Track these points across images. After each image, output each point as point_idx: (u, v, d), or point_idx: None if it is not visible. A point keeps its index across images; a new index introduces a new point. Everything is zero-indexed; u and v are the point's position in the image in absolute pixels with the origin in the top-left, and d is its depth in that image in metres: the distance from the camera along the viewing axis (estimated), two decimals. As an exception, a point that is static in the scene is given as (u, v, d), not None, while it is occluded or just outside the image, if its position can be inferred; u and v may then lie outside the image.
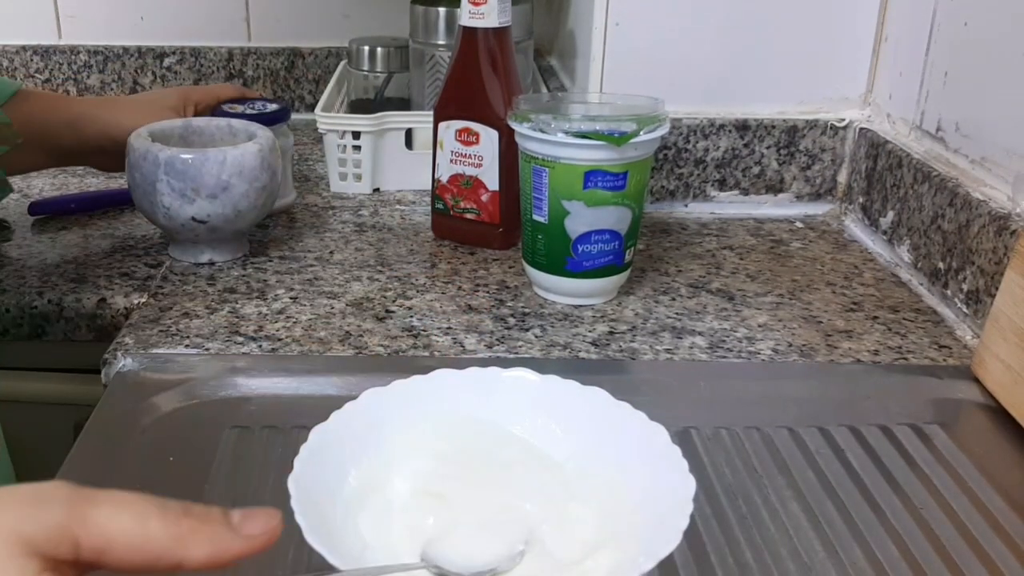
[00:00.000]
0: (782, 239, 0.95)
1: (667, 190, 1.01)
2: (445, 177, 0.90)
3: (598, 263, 0.77)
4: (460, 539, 0.48)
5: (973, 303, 0.76)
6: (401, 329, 0.74)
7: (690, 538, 0.51)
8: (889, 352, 0.73)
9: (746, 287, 0.84)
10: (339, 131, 1.02)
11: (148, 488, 0.57)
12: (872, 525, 0.55)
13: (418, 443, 0.53)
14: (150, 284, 0.82)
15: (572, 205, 0.75)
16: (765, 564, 0.52)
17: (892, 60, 0.94)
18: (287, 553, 0.51)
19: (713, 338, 0.75)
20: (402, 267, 0.86)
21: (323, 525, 0.44)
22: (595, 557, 0.47)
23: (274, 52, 1.36)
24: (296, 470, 0.46)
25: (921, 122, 0.88)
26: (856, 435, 0.63)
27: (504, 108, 0.84)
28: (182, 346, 0.71)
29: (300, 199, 1.02)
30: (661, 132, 0.75)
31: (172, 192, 0.80)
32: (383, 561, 0.46)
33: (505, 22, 0.85)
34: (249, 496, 0.55)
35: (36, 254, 0.88)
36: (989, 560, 0.53)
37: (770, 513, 0.56)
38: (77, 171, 1.11)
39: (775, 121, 0.98)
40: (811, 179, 1.00)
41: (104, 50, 1.35)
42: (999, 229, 0.72)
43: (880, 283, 0.85)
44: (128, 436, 0.61)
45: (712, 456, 0.61)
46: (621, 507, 0.49)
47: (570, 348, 0.73)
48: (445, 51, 1.09)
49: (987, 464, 0.61)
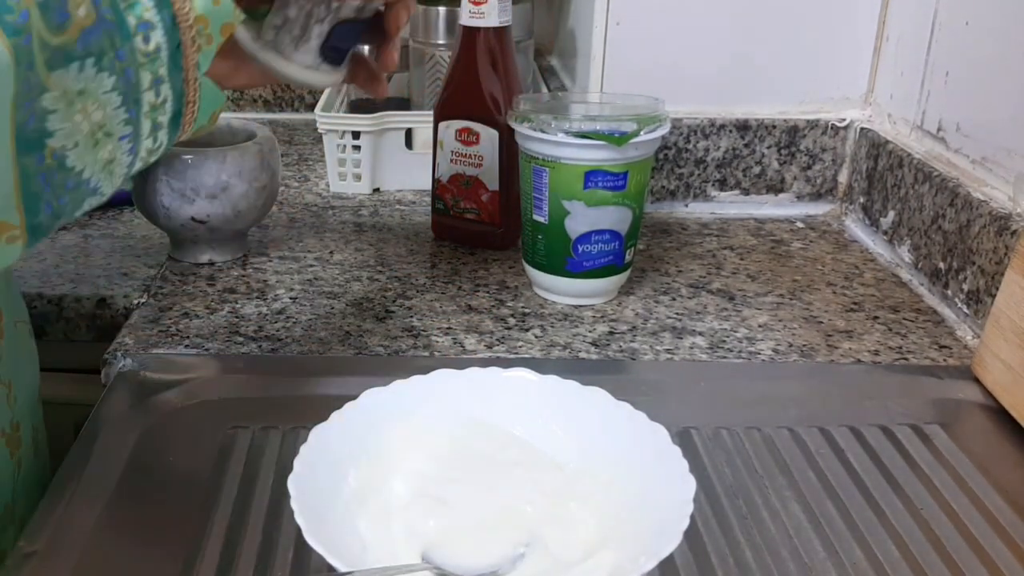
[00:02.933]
0: (783, 239, 0.95)
1: (667, 190, 1.01)
2: (445, 177, 0.90)
3: (598, 263, 0.77)
4: (461, 540, 0.48)
5: (974, 303, 0.76)
6: (401, 329, 0.74)
7: (690, 538, 0.51)
8: (889, 352, 0.73)
9: (746, 287, 0.84)
10: (339, 131, 1.02)
11: (148, 488, 0.57)
12: (872, 525, 0.55)
13: (418, 443, 0.53)
14: (150, 284, 0.82)
15: (572, 205, 0.75)
16: (765, 564, 0.52)
17: (893, 60, 0.94)
18: (287, 553, 0.51)
19: (713, 338, 0.75)
20: (402, 267, 0.86)
21: (323, 525, 0.44)
22: (596, 557, 0.47)
23: (274, 52, 1.36)
24: (296, 470, 0.46)
25: (922, 122, 0.88)
26: (856, 435, 0.63)
27: (504, 108, 0.84)
28: (182, 346, 0.71)
29: (300, 199, 1.02)
30: (661, 132, 0.75)
31: (172, 192, 0.80)
32: (383, 562, 0.46)
33: (505, 22, 0.85)
34: (249, 496, 0.55)
35: (36, 254, 0.88)
36: (989, 560, 0.52)
37: (770, 513, 0.56)
38: (77, 171, 1.11)
39: (776, 121, 0.98)
40: (812, 179, 1.00)
41: (104, 50, 1.35)
42: (1000, 229, 0.72)
43: (881, 283, 0.85)
44: (128, 436, 0.60)
45: (712, 456, 0.61)
46: (621, 507, 0.49)
47: (570, 348, 0.72)
48: (445, 51, 1.09)
49: (987, 464, 0.61)
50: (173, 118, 0.48)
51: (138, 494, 0.56)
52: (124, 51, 0.43)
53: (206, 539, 0.52)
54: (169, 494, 0.56)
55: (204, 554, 0.51)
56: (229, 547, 0.51)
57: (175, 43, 0.45)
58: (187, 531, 0.52)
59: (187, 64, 0.47)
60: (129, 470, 0.58)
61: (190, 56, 0.47)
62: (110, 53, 0.43)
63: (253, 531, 0.53)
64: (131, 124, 0.45)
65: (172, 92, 0.47)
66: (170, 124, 0.48)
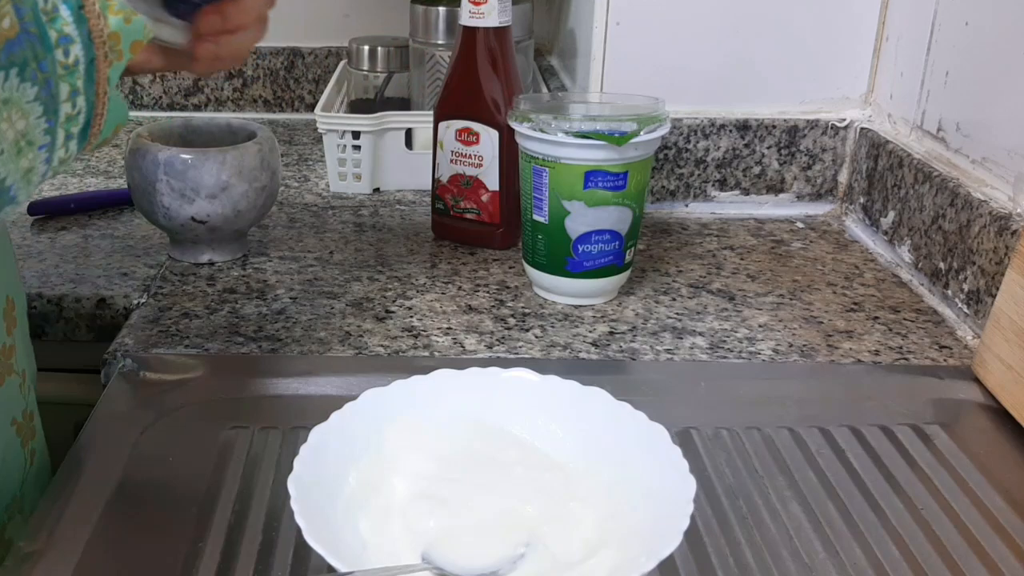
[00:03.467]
0: (783, 239, 0.95)
1: (667, 190, 1.01)
2: (445, 177, 0.90)
3: (598, 263, 0.77)
4: (461, 540, 0.48)
5: (974, 303, 0.76)
6: (401, 329, 0.74)
7: (690, 538, 0.51)
8: (890, 352, 0.73)
9: (747, 287, 0.84)
10: (339, 131, 1.02)
11: (148, 488, 0.57)
12: (873, 525, 0.55)
13: (418, 443, 0.53)
14: (150, 284, 0.82)
15: (572, 205, 0.75)
16: (765, 564, 0.52)
17: (893, 60, 0.94)
18: (287, 553, 0.51)
19: (714, 338, 0.75)
20: (402, 267, 0.86)
21: (323, 525, 0.44)
22: (596, 557, 0.47)
23: (274, 52, 1.36)
24: (296, 470, 0.46)
25: (922, 122, 0.88)
26: (857, 435, 0.63)
27: (504, 108, 0.84)
28: (182, 346, 0.71)
29: (300, 199, 1.02)
30: (661, 132, 0.75)
31: (172, 192, 0.80)
32: (383, 562, 0.46)
33: (505, 22, 0.85)
34: (249, 496, 0.55)
35: (36, 254, 0.88)
36: (989, 560, 0.52)
37: (771, 513, 0.56)
38: (77, 171, 1.11)
39: (776, 121, 0.98)
40: (812, 179, 1.00)
41: (104, 50, 1.35)
42: (1000, 229, 0.72)
43: (881, 283, 0.85)
44: (128, 436, 0.61)
45: (712, 456, 0.61)
46: (622, 507, 0.49)
47: (570, 348, 0.72)
48: (445, 51, 1.09)
49: (988, 464, 0.61)
50: (83, 129, 0.49)
51: (138, 494, 0.56)
52: (46, 63, 0.45)
53: (206, 539, 0.52)
54: (169, 494, 0.56)
55: (204, 554, 0.51)
56: (229, 547, 0.51)
57: (90, 57, 0.47)
58: (187, 531, 0.52)
59: (99, 78, 0.48)
60: (129, 470, 0.58)
61: (103, 70, 0.48)
62: (32, 64, 0.44)
63: (253, 531, 0.53)
64: (50, 134, 0.47)
65: (86, 104, 0.48)
66: (79, 135, 0.49)
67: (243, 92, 1.38)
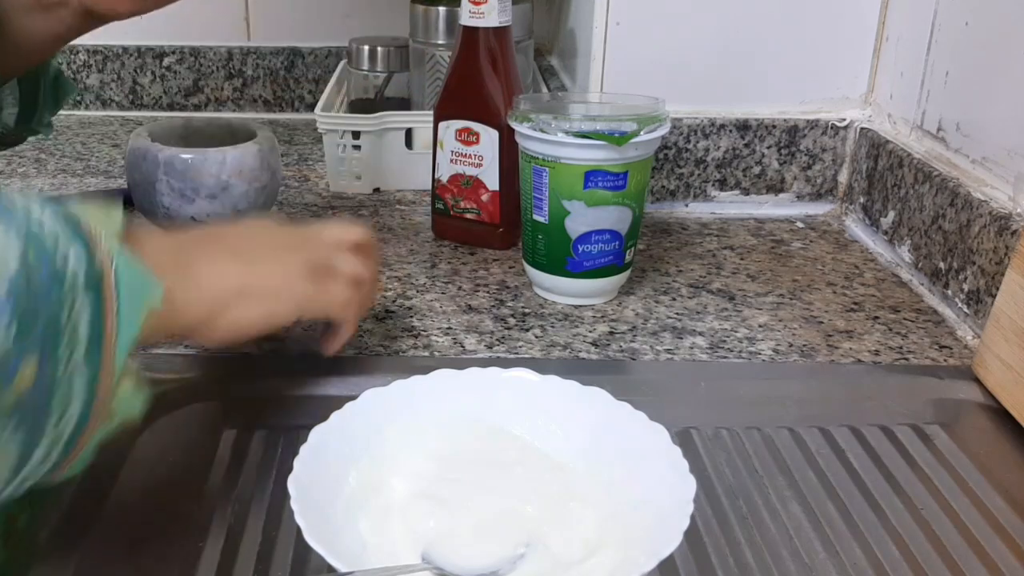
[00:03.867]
0: (783, 239, 0.95)
1: (667, 190, 1.01)
2: (445, 177, 0.90)
3: (598, 263, 0.77)
4: (461, 540, 0.48)
5: (974, 303, 0.76)
6: (401, 329, 0.74)
7: (691, 538, 0.51)
8: (890, 352, 0.73)
9: (747, 287, 0.84)
10: (339, 131, 1.02)
11: (148, 488, 0.57)
12: (873, 525, 0.55)
13: (418, 443, 0.53)
14: (150, 284, 0.81)
15: (572, 205, 0.75)
16: (765, 564, 0.52)
17: (893, 60, 0.94)
18: (287, 553, 0.51)
19: (714, 338, 0.75)
20: (402, 267, 0.86)
21: (323, 525, 0.44)
22: (596, 557, 0.47)
23: (274, 52, 1.36)
24: (296, 470, 0.46)
25: (922, 122, 0.88)
26: (857, 435, 0.63)
27: (504, 108, 0.84)
28: (182, 346, 0.71)
29: (300, 199, 1.02)
30: (661, 132, 0.75)
31: (172, 192, 0.80)
32: (383, 562, 0.46)
33: (505, 22, 0.85)
34: (249, 496, 0.55)
35: (36, 254, 0.88)
36: (989, 560, 0.52)
37: (771, 513, 0.56)
38: (77, 171, 1.11)
39: (776, 121, 0.98)
40: (812, 179, 1.00)
41: (103, 49, 1.35)
42: (1000, 229, 0.72)
43: (881, 283, 0.85)
44: (128, 436, 0.60)
45: (712, 456, 0.61)
46: (622, 507, 0.49)
47: (570, 348, 0.72)
48: (445, 51, 1.09)
49: (988, 464, 0.61)
50: (48, 470, 0.43)
51: (138, 494, 0.56)
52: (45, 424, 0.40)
53: (206, 539, 0.52)
54: (169, 494, 0.56)
55: (204, 554, 0.51)
56: (229, 547, 0.52)
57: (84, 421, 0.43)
58: (187, 531, 0.52)
59: (86, 432, 0.43)
60: (129, 470, 0.58)
61: (88, 433, 0.43)
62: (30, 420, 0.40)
63: (253, 531, 0.53)
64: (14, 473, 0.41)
65: (60, 454, 0.43)
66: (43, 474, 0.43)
67: (243, 92, 1.38)
